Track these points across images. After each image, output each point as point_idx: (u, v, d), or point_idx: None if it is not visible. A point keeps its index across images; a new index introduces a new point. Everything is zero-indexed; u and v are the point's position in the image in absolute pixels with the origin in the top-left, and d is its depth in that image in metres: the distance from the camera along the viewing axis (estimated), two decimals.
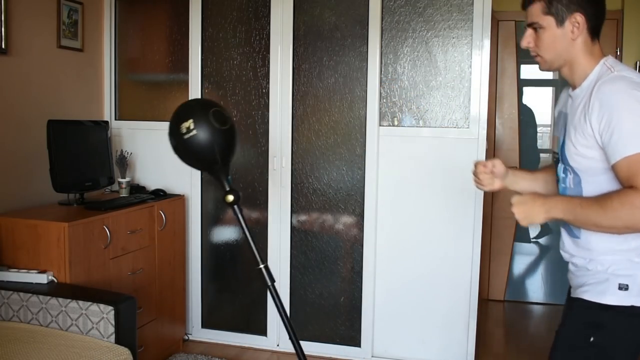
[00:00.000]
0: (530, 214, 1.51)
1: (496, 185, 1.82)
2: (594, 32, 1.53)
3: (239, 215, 1.54)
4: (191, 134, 1.49)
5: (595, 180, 1.49)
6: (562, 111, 1.65)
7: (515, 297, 4.58)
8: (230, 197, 1.52)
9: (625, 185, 1.38)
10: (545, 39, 1.54)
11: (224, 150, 1.56)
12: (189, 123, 1.49)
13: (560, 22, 1.51)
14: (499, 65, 4.33)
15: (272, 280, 1.58)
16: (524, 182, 1.83)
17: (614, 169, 1.41)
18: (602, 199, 1.41)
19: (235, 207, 1.54)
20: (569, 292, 1.70)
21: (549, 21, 1.52)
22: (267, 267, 1.59)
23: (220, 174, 1.56)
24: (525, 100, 5.30)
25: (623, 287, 1.48)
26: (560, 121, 1.65)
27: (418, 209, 3.07)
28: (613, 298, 1.48)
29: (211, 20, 3.29)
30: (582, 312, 1.55)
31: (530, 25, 1.56)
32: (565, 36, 1.51)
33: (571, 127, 1.51)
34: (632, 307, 1.47)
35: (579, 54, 1.53)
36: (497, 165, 1.79)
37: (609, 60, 1.52)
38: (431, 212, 3.05)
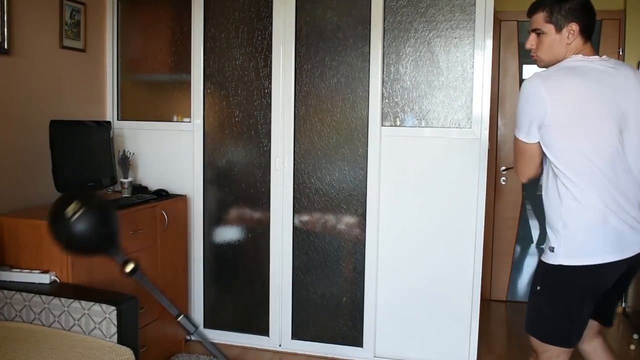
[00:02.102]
0: None
1: None
2: (586, 36, 1.89)
3: (144, 283, 1.48)
4: (80, 212, 1.37)
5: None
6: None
7: (518, 298, 4.58)
8: (131, 265, 1.44)
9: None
10: (546, 42, 1.90)
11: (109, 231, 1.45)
12: (73, 205, 1.37)
13: (558, 29, 1.87)
14: (501, 65, 4.32)
15: (195, 327, 1.48)
16: None
17: None
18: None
19: (136, 275, 1.46)
20: None
21: (549, 28, 1.88)
22: (185, 316, 1.50)
23: (112, 250, 1.47)
24: None
25: (552, 249, 1.89)
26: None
27: (420, 209, 3.07)
28: (547, 258, 1.91)
29: (213, 20, 3.30)
30: (538, 269, 1.99)
31: (534, 30, 1.92)
32: (562, 41, 1.88)
33: None
34: (561, 265, 1.86)
35: (569, 54, 1.89)
36: None
37: (574, 58, 1.88)
38: (433, 213, 3.05)
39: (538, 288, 1.95)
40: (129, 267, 1.45)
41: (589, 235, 1.82)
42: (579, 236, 1.83)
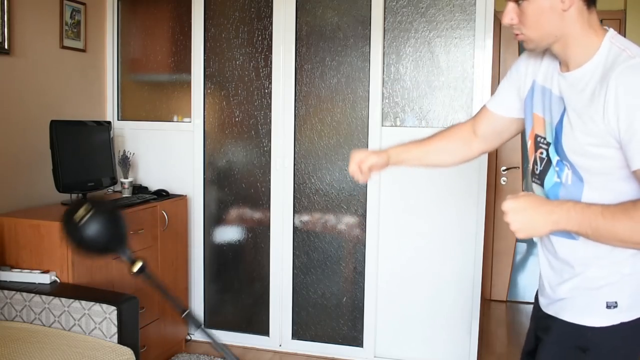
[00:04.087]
0: (531, 224, 1.21)
1: (364, 178, 1.62)
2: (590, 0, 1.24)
3: (152, 278, 1.52)
4: (89, 214, 1.43)
5: (601, 181, 1.23)
6: (546, 87, 1.36)
7: (518, 298, 4.58)
8: (138, 264, 1.50)
9: None
10: (531, 13, 1.24)
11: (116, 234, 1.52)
12: (83, 209, 1.42)
13: None
14: (502, 65, 4.32)
15: (200, 324, 1.52)
16: (411, 155, 1.65)
17: (636, 175, 1.16)
18: (630, 207, 1.14)
19: (143, 274, 1.52)
20: (537, 301, 1.49)
21: None
22: (190, 312, 1.53)
23: (120, 250, 1.53)
24: None
25: (612, 306, 1.25)
26: (545, 99, 1.35)
27: (420, 209, 3.07)
28: (600, 319, 1.26)
29: (213, 20, 3.30)
30: (563, 335, 1.30)
31: None
32: (555, 8, 1.21)
33: (574, 115, 1.23)
34: (621, 324, 1.25)
35: (574, 27, 1.23)
36: (366, 160, 1.58)
37: (617, 39, 1.23)
38: (433, 213, 3.04)
39: None
40: (137, 267, 1.51)
41: None
42: None
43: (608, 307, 1.25)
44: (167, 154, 3.42)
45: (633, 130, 1.12)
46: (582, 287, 1.28)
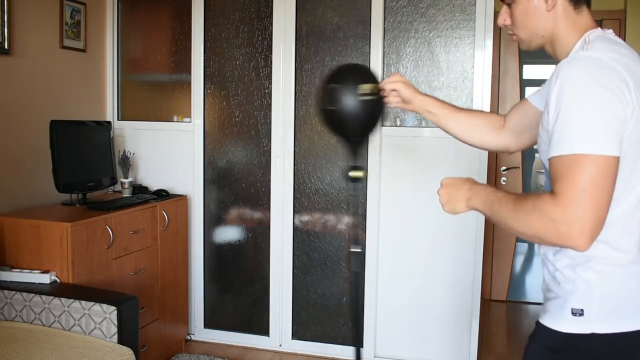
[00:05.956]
0: (453, 199, 1.34)
1: (405, 107, 1.63)
2: None
3: (357, 197, 1.56)
4: (369, 97, 1.43)
5: None
6: None
7: (518, 298, 4.58)
8: (359, 173, 1.50)
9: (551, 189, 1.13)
10: (518, 14, 1.30)
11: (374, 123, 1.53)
12: (372, 87, 1.44)
13: None
14: (502, 65, 4.32)
15: (358, 268, 1.54)
16: (435, 110, 1.61)
17: (548, 163, 1.14)
18: (520, 198, 1.17)
19: (355, 183, 1.53)
20: None
21: None
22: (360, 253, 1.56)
23: (354, 148, 1.53)
24: None
25: (577, 313, 1.20)
26: None
27: (420, 209, 3.07)
28: (566, 325, 1.21)
29: (213, 20, 3.30)
30: (540, 336, 1.28)
31: (503, 0, 1.35)
32: (539, 8, 1.25)
33: (544, 114, 1.22)
34: (593, 334, 1.19)
35: (559, 27, 1.26)
36: (400, 89, 1.58)
37: (593, 33, 1.23)
38: (433, 212, 3.04)
39: None
40: (356, 173, 1.46)
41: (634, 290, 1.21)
42: (622, 291, 1.20)
43: (573, 314, 1.21)
44: (167, 154, 3.42)
45: (560, 121, 1.10)
46: (555, 291, 1.26)
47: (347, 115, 1.45)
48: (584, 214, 1.05)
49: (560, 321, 1.22)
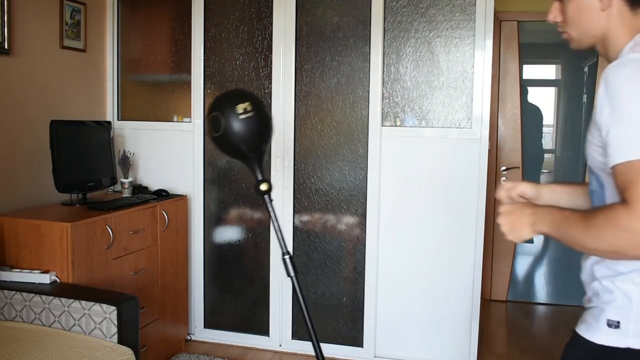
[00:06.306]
0: (516, 226, 1.26)
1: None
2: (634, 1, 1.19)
3: (269, 205, 1.59)
4: (248, 115, 1.49)
5: (612, 182, 1.15)
6: None
7: (518, 298, 4.58)
8: (264, 186, 1.55)
9: (620, 198, 1.08)
10: (570, 11, 1.25)
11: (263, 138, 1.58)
12: (247, 105, 1.50)
13: None
14: (502, 66, 4.32)
15: (295, 272, 1.59)
16: (561, 198, 1.45)
17: (613, 172, 1.09)
18: (590, 214, 1.11)
19: (266, 196, 1.58)
20: None
21: None
22: (291, 258, 1.61)
23: (254, 163, 1.59)
24: (531, 100, 5.29)
25: (613, 325, 1.17)
26: None
27: (420, 209, 3.07)
28: (600, 337, 1.19)
29: (213, 20, 3.30)
30: (575, 344, 1.26)
31: None
32: (593, 7, 1.20)
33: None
34: (629, 349, 1.15)
35: (612, 27, 1.20)
36: (517, 188, 1.43)
37: None
38: (434, 213, 3.05)
39: None
40: (264, 186, 1.54)
41: None
42: None
43: (609, 325, 1.18)
44: (167, 154, 3.42)
45: (608, 126, 1.07)
46: (594, 301, 1.23)
47: (236, 136, 1.53)
48: None
49: (595, 332, 1.19)
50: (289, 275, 1.61)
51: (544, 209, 1.23)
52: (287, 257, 1.61)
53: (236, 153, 1.59)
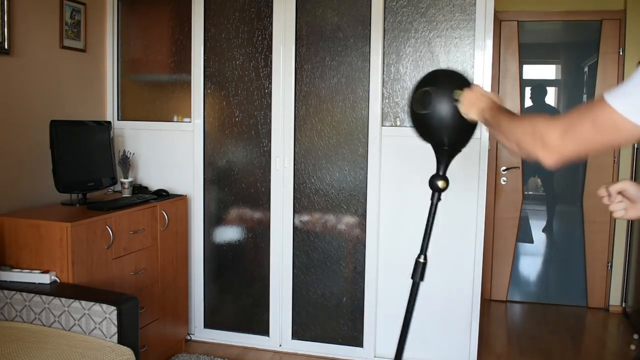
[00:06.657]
0: (471, 106, 1.50)
1: (630, 213, 1.33)
2: None
3: (436, 202, 1.56)
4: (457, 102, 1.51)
5: None
6: None
7: (518, 298, 4.58)
8: (442, 184, 1.53)
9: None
10: None
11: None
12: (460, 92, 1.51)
13: None
14: (502, 66, 4.32)
15: (421, 279, 1.54)
16: None
17: None
18: (523, 114, 1.30)
19: (437, 194, 1.55)
20: None
21: None
22: (425, 264, 1.57)
23: (444, 156, 1.56)
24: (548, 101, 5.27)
25: None
26: None
27: (420, 209, 3.07)
28: None
29: (213, 20, 3.30)
30: None
31: None
32: None
33: None
34: None
35: None
36: (624, 186, 1.33)
37: None
38: None
39: None
40: (442, 184, 1.56)
41: None
42: None
43: None
44: (167, 154, 3.42)
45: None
46: None
47: (443, 122, 1.46)
48: (567, 139, 1.10)
49: None
50: (413, 278, 1.53)
51: (496, 106, 1.42)
52: (422, 260, 1.55)
53: (433, 139, 1.54)
